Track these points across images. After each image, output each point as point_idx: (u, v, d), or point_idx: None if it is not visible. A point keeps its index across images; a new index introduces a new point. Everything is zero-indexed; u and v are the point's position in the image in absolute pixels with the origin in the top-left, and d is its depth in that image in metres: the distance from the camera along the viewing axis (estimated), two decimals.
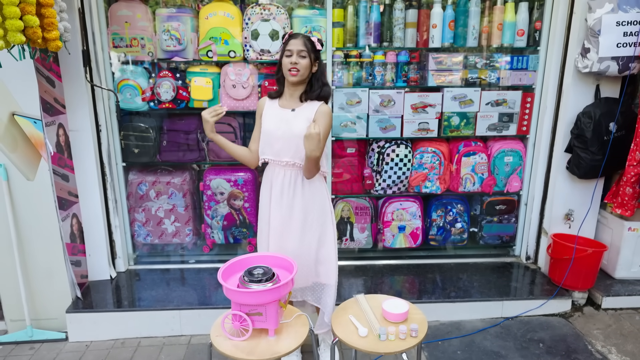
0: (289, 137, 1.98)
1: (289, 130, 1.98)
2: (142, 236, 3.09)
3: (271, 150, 2.03)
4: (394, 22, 2.84)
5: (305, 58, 1.94)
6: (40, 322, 2.61)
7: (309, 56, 1.95)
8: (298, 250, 2.05)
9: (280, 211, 2.04)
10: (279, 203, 2.04)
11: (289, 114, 2.01)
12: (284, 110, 2.03)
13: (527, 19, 2.85)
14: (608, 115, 2.65)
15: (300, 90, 2.03)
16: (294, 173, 2.02)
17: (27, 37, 1.89)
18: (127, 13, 2.70)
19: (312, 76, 2.02)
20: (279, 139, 2.00)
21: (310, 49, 1.95)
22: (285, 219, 2.04)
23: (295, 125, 1.97)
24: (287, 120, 2.00)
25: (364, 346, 1.66)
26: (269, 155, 2.05)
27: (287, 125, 1.99)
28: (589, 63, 2.56)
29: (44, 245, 2.53)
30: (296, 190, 2.03)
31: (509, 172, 3.06)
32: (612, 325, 2.67)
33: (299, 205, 2.03)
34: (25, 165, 2.42)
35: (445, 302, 2.69)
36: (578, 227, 2.89)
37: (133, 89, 2.78)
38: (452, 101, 2.93)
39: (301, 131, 1.94)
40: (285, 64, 1.96)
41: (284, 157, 2.01)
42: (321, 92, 2.02)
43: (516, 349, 2.44)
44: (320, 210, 2.07)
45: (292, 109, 2.02)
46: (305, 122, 1.97)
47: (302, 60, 1.94)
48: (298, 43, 1.94)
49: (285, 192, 2.03)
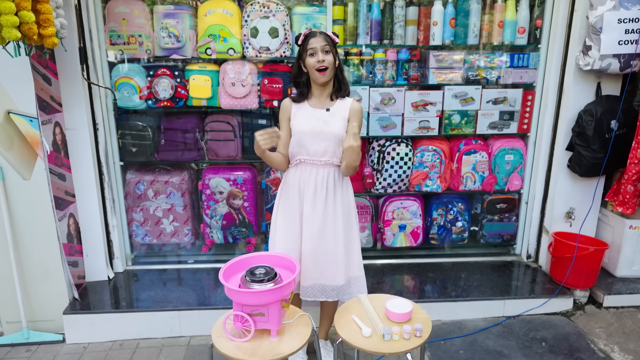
0: (328, 137, 1.98)
1: (327, 130, 1.98)
2: (140, 236, 3.06)
3: (307, 151, 2.01)
4: (395, 20, 2.82)
5: (329, 53, 1.93)
6: (36, 324, 2.57)
7: (332, 51, 1.94)
8: (334, 248, 2.05)
9: (315, 211, 2.02)
10: (313, 203, 2.02)
11: (325, 114, 2.00)
12: (318, 111, 2.02)
13: (528, 16, 2.84)
14: (609, 113, 2.64)
15: (329, 88, 2.02)
16: (327, 171, 2.02)
17: (22, 33, 1.86)
18: (125, 10, 2.66)
19: (337, 71, 2.01)
20: (317, 139, 1.98)
21: (331, 44, 1.95)
22: (320, 218, 2.02)
23: (333, 125, 1.99)
24: (324, 121, 1.99)
25: (368, 346, 1.64)
26: (304, 155, 2.02)
27: (324, 125, 1.98)
28: (591, 61, 2.55)
29: (40, 245, 2.49)
30: (332, 188, 2.03)
31: (510, 171, 3.05)
32: (614, 323, 2.66)
33: (334, 203, 2.03)
34: (21, 165, 2.39)
35: (446, 301, 2.68)
36: (579, 225, 2.88)
37: (131, 87, 2.75)
38: (453, 99, 2.92)
39: (340, 130, 1.98)
40: (311, 64, 1.94)
41: (323, 157, 2.00)
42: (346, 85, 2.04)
43: (519, 348, 2.43)
44: (349, 204, 2.10)
45: (326, 108, 2.01)
46: (342, 120, 2.00)
47: (328, 56, 1.93)
48: (319, 40, 1.93)
49: (319, 191, 2.01)
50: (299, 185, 2.04)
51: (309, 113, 2.02)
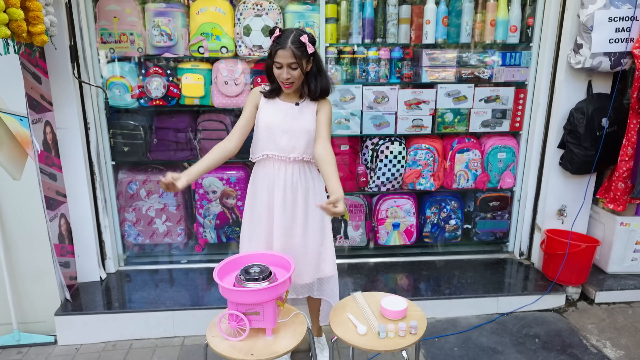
0: (297, 133, 1.92)
1: (297, 125, 1.92)
2: (133, 236, 3.03)
3: (276, 147, 1.94)
4: (387, 18, 2.82)
5: (296, 69, 1.83)
6: (27, 326, 2.53)
7: (300, 64, 1.82)
8: (304, 246, 2.01)
9: (285, 208, 1.97)
10: (282, 200, 1.97)
11: (294, 108, 1.94)
12: (287, 104, 1.95)
13: (519, 15, 2.86)
14: (600, 110, 2.66)
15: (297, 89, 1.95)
16: (296, 168, 1.97)
17: (11, 30, 1.83)
18: (116, 8, 2.64)
19: (307, 75, 1.91)
20: (286, 135, 1.92)
21: (300, 57, 1.81)
22: (290, 215, 1.98)
23: (303, 120, 1.93)
24: (293, 116, 1.93)
25: (364, 344, 1.64)
26: (273, 151, 1.94)
27: (293, 121, 1.93)
28: (582, 59, 2.57)
29: (31, 246, 2.46)
30: (300, 185, 1.98)
31: (503, 169, 3.07)
32: (605, 319, 2.68)
33: (303, 200, 1.99)
34: (11, 164, 2.35)
35: (440, 298, 2.68)
36: (571, 222, 2.91)
37: (122, 86, 2.72)
38: (446, 97, 2.93)
39: (309, 125, 1.92)
40: (277, 76, 1.87)
41: (292, 154, 1.94)
42: (320, 91, 1.94)
43: (512, 344, 2.44)
44: (320, 200, 2.02)
45: (295, 102, 1.96)
46: (311, 115, 1.94)
47: (294, 72, 1.83)
48: (287, 55, 1.79)
49: (288, 188, 1.97)
50: (268, 181, 1.97)
51: (278, 107, 1.95)
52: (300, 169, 1.98)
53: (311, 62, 1.90)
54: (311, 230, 2.03)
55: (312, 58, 1.90)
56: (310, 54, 1.85)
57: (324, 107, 1.97)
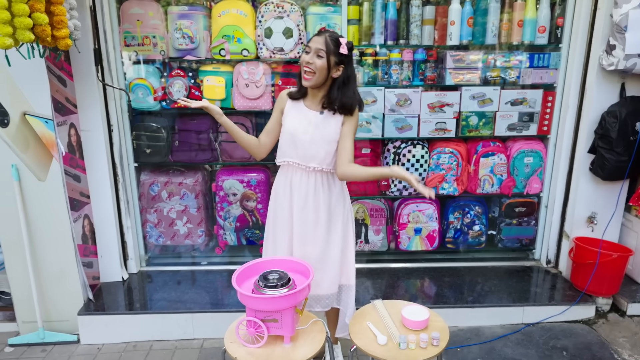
0: (318, 143, 1.87)
1: (318, 135, 1.87)
2: (154, 237, 3.06)
3: (296, 154, 1.90)
4: (411, 19, 2.77)
5: (322, 58, 1.77)
6: (52, 324, 2.58)
7: (328, 57, 1.77)
8: (324, 255, 1.98)
9: (305, 216, 1.94)
10: (302, 208, 1.94)
11: (318, 116, 1.89)
12: (311, 112, 1.90)
13: (548, 15, 2.76)
14: (634, 114, 2.55)
15: (320, 94, 1.89)
16: (318, 177, 1.93)
17: (36, 35, 1.85)
18: (139, 11, 2.66)
19: (333, 82, 1.84)
20: (307, 143, 1.87)
21: (331, 50, 1.76)
22: (311, 223, 1.95)
23: (325, 131, 1.87)
24: (315, 124, 1.88)
25: (384, 355, 1.60)
26: (293, 158, 1.92)
27: (315, 130, 1.87)
28: (615, 60, 2.46)
29: (55, 246, 2.50)
30: (322, 194, 1.94)
31: (529, 174, 2.97)
32: (638, 332, 2.56)
33: (324, 209, 1.95)
34: (37, 166, 2.40)
35: (463, 307, 2.61)
36: (602, 230, 2.79)
37: (145, 88, 2.75)
38: (471, 100, 2.85)
39: (332, 136, 1.87)
40: (301, 61, 1.82)
41: (311, 163, 1.89)
42: (341, 104, 1.84)
43: (539, 357, 2.35)
44: (342, 210, 2.00)
45: (320, 111, 1.89)
46: (336, 126, 1.87)
47: (318, 60, 1.77)
48: (319, 40, 1.77)
49: (310, 197, 1.93)
50: (291, 188, 1.95)
51: (302, 113, 1.91)
52: (322, 178, 1.94)
53: (341, 69, 1.84)
54: (333, 240, 1.99)
55: (344, 67, 1.83)
56: (342, 59, 1.81)
57: (349, 120, 1.89)
